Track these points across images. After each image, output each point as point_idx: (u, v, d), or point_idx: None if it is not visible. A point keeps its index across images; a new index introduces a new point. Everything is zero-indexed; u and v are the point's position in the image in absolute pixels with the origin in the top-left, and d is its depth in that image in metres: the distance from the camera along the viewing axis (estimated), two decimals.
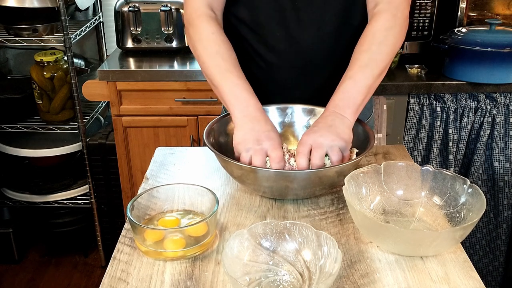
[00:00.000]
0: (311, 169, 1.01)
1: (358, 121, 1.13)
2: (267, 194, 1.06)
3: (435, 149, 2.03)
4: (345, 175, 0.96)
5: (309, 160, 1.01)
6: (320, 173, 0.99)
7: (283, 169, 1.01)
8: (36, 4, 2.05)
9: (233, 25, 1.23)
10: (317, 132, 1.03)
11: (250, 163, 1.01)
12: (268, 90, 1.24)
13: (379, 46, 1.10)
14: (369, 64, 1.09)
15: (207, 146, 1.06)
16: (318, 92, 1.19)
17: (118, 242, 0.95)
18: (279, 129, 1.19)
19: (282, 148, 1.05)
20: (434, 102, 1.98)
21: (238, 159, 1.04)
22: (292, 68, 1.21)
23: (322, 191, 1.06)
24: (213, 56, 1.13)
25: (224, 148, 1.13)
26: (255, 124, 1.05)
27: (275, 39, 1.19)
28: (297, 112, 1.21)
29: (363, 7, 1.18)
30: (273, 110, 1.20)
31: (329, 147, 1.01)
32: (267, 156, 1.02)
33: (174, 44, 2.20)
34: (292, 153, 1.06)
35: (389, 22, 1.12)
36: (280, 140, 1.05)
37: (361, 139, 1.10)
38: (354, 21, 1.19)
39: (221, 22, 1.20)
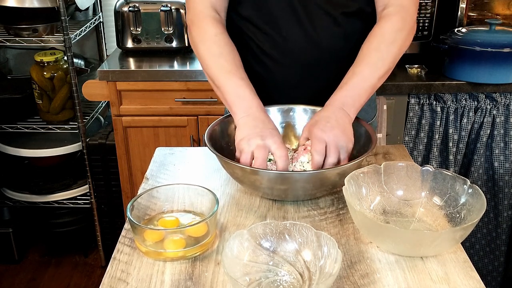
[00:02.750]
0: (312, 171, 1.01)
1: (361, 121, 1.13)
2: (267, 195, 1.06)
3: (435, 149, 2.03)
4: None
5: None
6: (322, 175, 0.99)
7: (288, 168, 1.01)
8: (36, 4, 2.05)
9: (237, 23, 1.23)
10: (333, 130, 1.03)
11: (252, 159, 1.01)
12: (271, 89, 1.24)
13: (388, 46, 1.11)
14: (378, 63, 1.10)
15: (207, 147, 1.06)
16: (321, 92, 1.19)
17: (118, 242, 0.95)
18: (280, 130, 1.19)
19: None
20: (434, 102, 1.98)
21: (239, 157, 1.03)
22: (297, 66, 1.21)
23: (322, 193, 1.06)
24: (216, 58, 1.13)
25: (225, 150, 1.13)
26: (258, 122, 1.05)
27: (282, 37, 1.19)
28: (298, 113, 1.21)
29: (372, 9, 1.19)
30: (274, 111, 1.20)
31: (341, 148, 1.03)
32: (270, 153, 1.02)
33: (174, 44, 2.20)
34: (294, 156, 1.06)
35: (399, 24, 1.12)
36: (282, 140, 1.05)
37: (363, 139, 1.10)
38: (363, 20, 1.19)
39: (225, 23, 1.20)
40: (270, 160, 1.03)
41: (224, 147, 1.14)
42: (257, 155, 1.00)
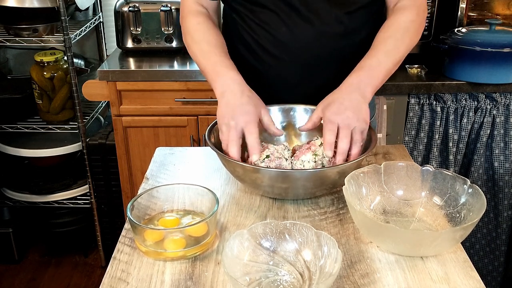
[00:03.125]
0: (313, 169, 1.01)
1: None
2: (267, 193, 1.06)
3: (435, 149, 2.03)
4: (346, 175, 0.96)
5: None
6: (322, 173, 0.99)
7: (257, 144, 1.02)
8: (36, 4, 2.05)
9: (237, 20, 1.24)
10: (345, 112, 1.03)
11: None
12: (271, 87, 1.24)
13: (403, 34, 1.14)
14: (393, 50, 1.12)
15: (208, 145, 1.06)
16: (322, 90, 1.19)
17: (118, 242, 0.95)
18: (280, 129, 1.19)
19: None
20: (434, 102, 1.98)
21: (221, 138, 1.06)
22: (297, 65, 1.21)
23: (322, 192, 1.06)
24: (199, 43, 1.18)
25: None
26: (230, 97, 1.07)
27: (283, 34, 1.19)
28: (299, 112, 1.21)
29: (377, 7, 1.20)
30: (275, 110, 1.20)
31: (354, 129, 1.03)
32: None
33: (174, 44, 2.20)
34: (296, 154, 1.06)
35: (413, 16, 1.17)
36: (256, 112, 1.06)
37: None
38: (366, 18, 1.20)
39: (213, 17, 1.26)
40: (268, 156, 1.03)
41: None
42: (230, 138, 1.03)
